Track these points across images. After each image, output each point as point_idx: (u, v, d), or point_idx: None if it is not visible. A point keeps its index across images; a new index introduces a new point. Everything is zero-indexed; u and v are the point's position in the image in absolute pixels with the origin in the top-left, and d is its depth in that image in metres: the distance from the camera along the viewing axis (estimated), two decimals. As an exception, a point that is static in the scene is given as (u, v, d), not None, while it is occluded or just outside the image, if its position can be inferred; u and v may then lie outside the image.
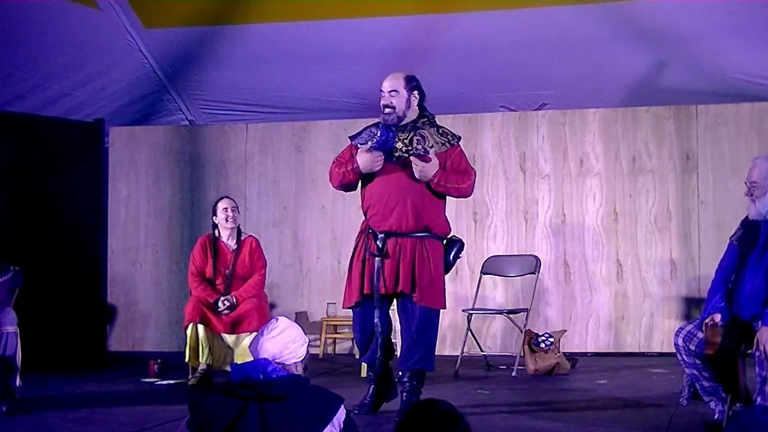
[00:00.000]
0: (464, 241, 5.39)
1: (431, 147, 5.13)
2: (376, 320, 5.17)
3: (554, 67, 8.15)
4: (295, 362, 3.17)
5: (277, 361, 3.10)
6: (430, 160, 5.07)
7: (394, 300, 5.31)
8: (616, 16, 7.59)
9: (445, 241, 5.27)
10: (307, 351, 3.26)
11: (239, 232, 6.85)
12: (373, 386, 5.29)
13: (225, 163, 8.85)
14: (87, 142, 8.30)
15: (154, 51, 8.51)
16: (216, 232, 6.83)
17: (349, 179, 5.25)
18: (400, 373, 5.18)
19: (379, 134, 5.19)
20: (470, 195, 5.39)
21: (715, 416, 4.56)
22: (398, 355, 5.35)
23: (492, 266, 7.69)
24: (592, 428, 4.83)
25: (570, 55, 8.00)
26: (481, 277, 7.65)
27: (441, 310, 5.27)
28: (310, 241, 8.64)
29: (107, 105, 8.83)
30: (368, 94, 5.53)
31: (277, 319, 3.23)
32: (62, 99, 8.49)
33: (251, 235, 6.96)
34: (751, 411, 4.08)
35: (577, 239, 8.16)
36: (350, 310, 5.35)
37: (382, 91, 5.19)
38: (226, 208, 6.79)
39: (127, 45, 8.39)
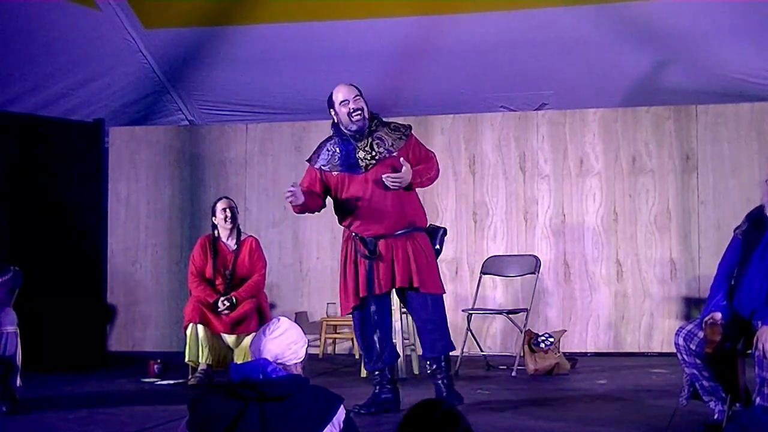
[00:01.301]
0: (446, 228, 5.59)
1: (391, 146, 5.25)
2: (376, 319, 5.27)
3: (554, 67, 8.15)
4: (296, 363, 3.17)
5: (278, 361, 3.09)
6: (401, 167, 5.15)
7: (391, 300, 5.43)
8: (616, 16, 7.59)
9: (430, 230, 5.43)
10: (306, 352, 3.26)
11: (239, 233, 6.86)
12: (379, 389, 5.30)
13: (225, 163, 8.85)
14: (87, 142, 8.31)
15: (154, 51, 8.51)
16: (216, 232, 6.84)
17: (296, 212, 5.45)
18: (428, 363, 5.31)
19: (338, 151, 5.30)
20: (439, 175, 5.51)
21: (715, 416, 4.55)
22: (410, 351, 5.45)
23: (492, 266, 7.69)
24: (592, 428, 4.83)
25: (570, 55, 8.00)
26: (481, 277, 7.65)
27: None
28: (310, 241, 8.64)
29: (107, 105, 8.83)
30: (368, 95, 5.54)
31: (278, 320, 3.22)
32: (62, 99, 8.48)
33: (251, 236, 6.96)
34: (750, 411, 4.08)
35: (577, 239, 8.16)
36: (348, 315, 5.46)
37: (345, 100, 5.27)
38: (224, 209, 6.80)
39: (127, 45, 8.39)
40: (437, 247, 5.38)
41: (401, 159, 5.16)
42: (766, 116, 7.95)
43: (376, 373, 5.31)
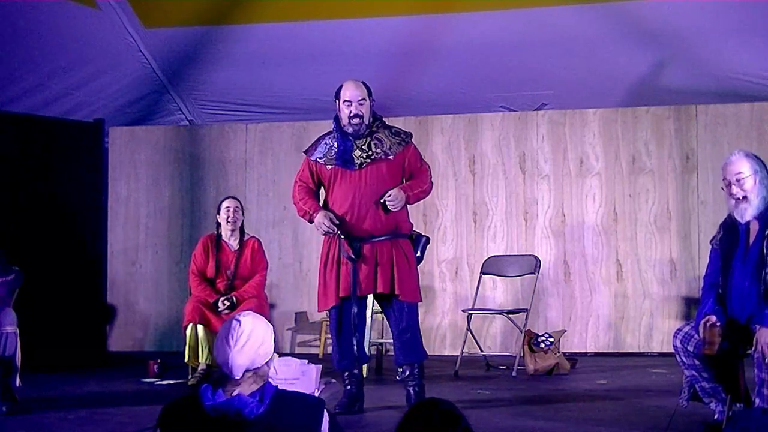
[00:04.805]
0: (429, 237, 5.66)
1: (389, 149, 5.30)
2: (353, 320, 5.31)
3: (554, 67, 8.15)
4: (267, 361, 2.97)
5: (251, 369, 2.92)
6: (393, 168, 5.26)
7: (369, 303, 5.53)
8: (616, 16, 7.59)
9: (413, 237, 5.46)
10: (275, 342, 3.09)
11: (242, 233, 6.87)
12: (352, 387, 5.37)
13: (225, 163, 8.85)
14: (87, 142, 8.30)
15: (154, 51, 8.51)
16: (219, 230, 6.86)
17: (306, 219, 5.44)
18: (401, 370, 5.31)
19: (335, 146, 5.32)
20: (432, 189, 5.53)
21: (715, 417, 4.55)
22: (391, 354, 5.54)
23: (492, 266, 7.69)
24: (592, 428, 4.83)
25: (570, 55, 8.00)
26: (481, 277, 7.65)
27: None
28: (310, 241, 8.63)
29: (107, 105, 8.83)
30: (368, 94, 5.57)
31: (239, 323, 2.91)
32: (62, 99, 8.49)
33: (254, 236, 6.98)
34: (750, 412, 4.08)
35: (577, 239, 8.16)
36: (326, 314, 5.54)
37: (349, 101, 5.27)
38: (228, 208, 6.83)
39: (127, 45, 8.39)
40: (418, 254, 5.44)
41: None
42: (766, 116, 7.95)
43: (346, 373, 5.38)
